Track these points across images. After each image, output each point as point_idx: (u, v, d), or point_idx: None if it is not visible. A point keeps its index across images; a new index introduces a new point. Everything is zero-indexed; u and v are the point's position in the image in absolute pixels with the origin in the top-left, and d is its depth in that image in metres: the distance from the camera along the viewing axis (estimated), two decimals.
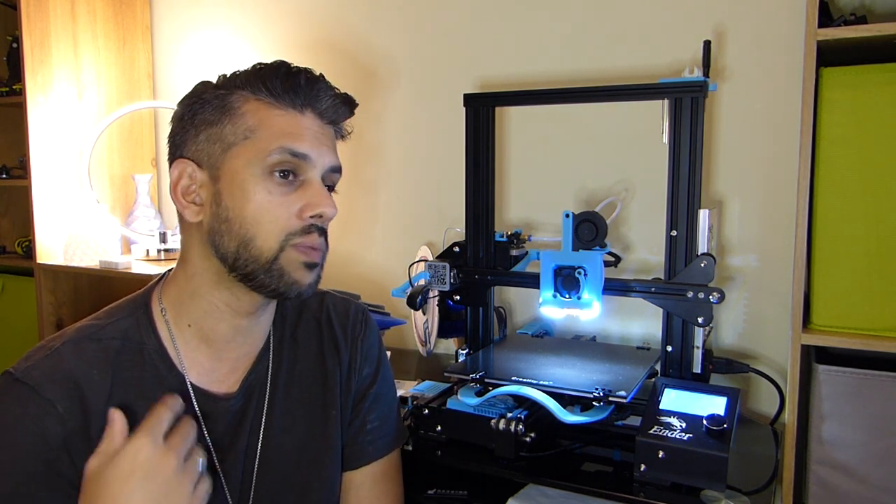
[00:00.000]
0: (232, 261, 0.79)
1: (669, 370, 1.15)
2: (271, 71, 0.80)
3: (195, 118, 0.81)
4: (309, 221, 0.80)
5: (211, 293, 0.82)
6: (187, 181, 0.81)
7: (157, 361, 0.82)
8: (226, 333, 0.84)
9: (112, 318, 0.83)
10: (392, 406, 1.00)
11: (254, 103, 0.79)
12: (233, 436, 0.85)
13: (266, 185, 0.78)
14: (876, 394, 1.01)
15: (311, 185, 0.80)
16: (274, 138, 0.78)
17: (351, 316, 0.97)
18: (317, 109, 0.82)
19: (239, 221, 0.78)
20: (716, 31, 1.36)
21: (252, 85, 0.80)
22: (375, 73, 1.75)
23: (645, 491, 0.95)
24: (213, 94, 0.81)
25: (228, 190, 0.79)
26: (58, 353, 0.77)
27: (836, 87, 1.00)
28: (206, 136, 0.80)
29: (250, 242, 0.78)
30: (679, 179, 1.12)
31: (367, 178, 1.79)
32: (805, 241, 1.03)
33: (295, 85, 0.80)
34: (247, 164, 0.78)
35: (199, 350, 0.84)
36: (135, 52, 2.10)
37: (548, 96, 1.26)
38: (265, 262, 0.78)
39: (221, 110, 0.79)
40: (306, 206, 0.79)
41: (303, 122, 0.80)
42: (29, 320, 2.03)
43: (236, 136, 0.79)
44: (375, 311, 1.56)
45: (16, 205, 2.31)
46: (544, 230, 1.55)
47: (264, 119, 0.79)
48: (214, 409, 0.84)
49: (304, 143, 0.79)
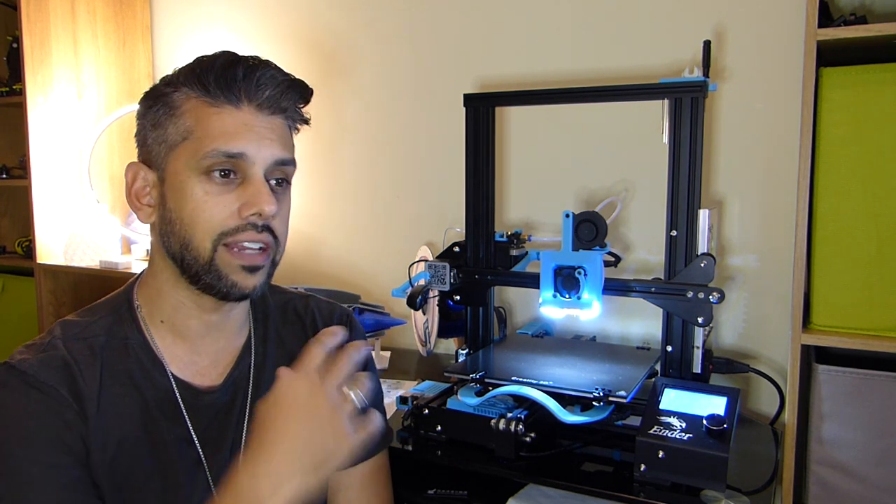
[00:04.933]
0: (179, 262, 0.79)
1: (669, 370, 1.14)
2: (207, 65, 0.78)
3: (145, 119, 0.81)
4: (248, 220, 0.78)
5: (174, 291, 0.83)
6: (141, 183, 0.81)
7: (140, 355, 0.82)
8: (198, 329, 0.85)
9: (95, 315, 0.84)
10: (378, 408, 0.99)
11: (193, 101, 0.78)
12: (219, 430, 0.85)
13: (204, 185, 0.77)
14: (876, 394, 1.01)
15: (251, 182, 0.78)
16: (208, 139, 0.76)
17: (336, 319, 0.98)
18: (255, 101, 0.79)
19: (179, 223, 0.78)
20: (716, 31, 1.36)
21: (190, 82, 0.78)
22: (375, 74, 1.75)
23: (645, 491, 0.95)
24: (161, 91, 0.80)
25: (171, 191, 0.79)
26: (52, 346, 0.79)
27: (836, 87, 1.00)
28: (154, 138, 0.80)
29: (189, 243, 0.78)
30: (679, 179, 1.12)
31: (367, 178, 1.79)
32: (805, 241, 1.03)
33: (231, 79, 0.77)
34: (185, 166, 0.77)
35: (176, 344, 0.85)
36: (135, 52, 2.10)
37: (548, 96, 1.25)
38: (204, 264, 0.78)
39: (166, 110, 0.79)
40: (244, 205, 0.77)
41: (239, 118, 0.78)
42: (29, 320, 2.03)
43: (177, 137, 0.78)
44: (375, 311, 1.56)
45: (16, 205, 2.31)
46: (544, 230, 1.55)
47: (201, 118, 0.77)
48: (198, 402, 0.84)
49: (239, 142, 0.77)
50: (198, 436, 0.84)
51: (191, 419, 0.83)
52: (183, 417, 0.83)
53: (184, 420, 0.83)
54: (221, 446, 0.85)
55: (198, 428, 0.84)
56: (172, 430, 0.82)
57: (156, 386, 0.82)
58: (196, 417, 0.84)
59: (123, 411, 0.79)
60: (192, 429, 0.83)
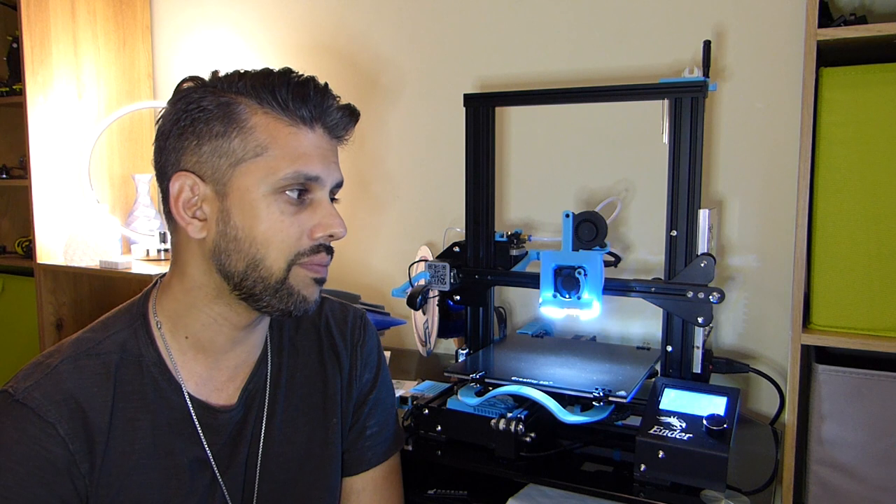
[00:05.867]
0: (239, 280, 0.77)
1: (669, 370, 1.15)
2: (279, 80, 0.77)
3: (196, 126, 0.76)
4: (319, 241, 0.79)
5: (209, 307, 0.81)
6: (189, 194, 0.77)
7: (155, 374, 0.80)
8: (223, 344, 0.83)
9: (109, 330, 0.81)
10: (391, 411, 0.99)
11: (262, 116, 0.76)
12: (233, 446, 0.84)
13: (278, 205, 0.76)
14: (876, 394, 1.01)
15: (320, 204, 0.79)
16: (287, 159, 0.76)
17: (350, 322, 0.96)
18: (326, 125, 0.80)
19: (249, 241, 0.76)
20: (716, 31, 1.36)
21: (258, 95, 0.76)
22: (375, 74, 1.75)
23: (645, 491, 0.95)
24: (213, 101, 0.76)
25: (238, 208, 0.76)
26: (57, 372, 0.75)
27: (836, 87, 1.00)
28: (211, 149, 0.76)
29: (260, 263, 0.77)
30: (679, 179, 1.12)
31: (368, 178, 1.79)
32: (805, 241, 1.03)
33: (304, 97, 0.77)
34: (258, 183, 0.75)
35: (196, 360, 0.83)
36: (135, 52, 2.10)
37: (548, 96, 1.25)
38: (274, 283, 0.77)
39: (226, 121, 0.75)
40: (317, 227, 0.79)
41: (313, 141, 0.78)
42: (29, 320, 2.03)
43: (246, 152, 0.75)
44: (375, 312, 1.56)
45: (16, 205, 2.31)
46: (544, 230, 1.55)
47: (276, 136, 0.76)
48: (215, 422, 0.83)
49: (316, 165, 0.77)
50: (213, 454, 0.82)
51: (206, 439, 0.82)
52: (199, 437, 0.81)
53: (200, 441, 0.81)
54: (236, 462, 0.84)
55: (213, 447, 0.82)
56: (188, 452, 0.81)
57: (171, 406, 0.80)
58: (212, 437, 0.82)
59: (135, 436, 0.77)
60: (207, 449, 0.82)
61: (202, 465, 0.82)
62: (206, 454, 0.82)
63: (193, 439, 0.81)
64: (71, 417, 0.74)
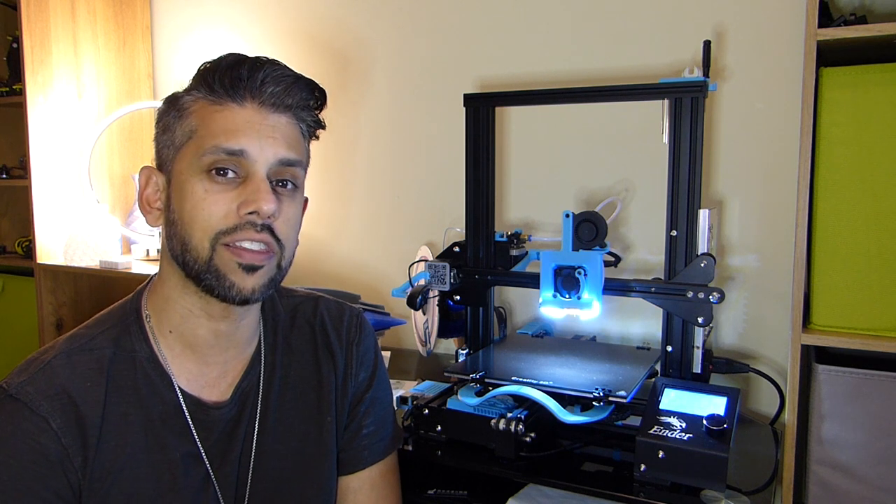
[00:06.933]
0: (181, 264, 0.78)
1: (669, 370, 1.15)
2: (213, 66, 0.78)
3: (158, 124, 0.81)
4: (245, 219, 0.76)
5: (182, 298, 0.81)
6: (153, 188, 0.81)
7: (148, 369, 0.81)
8: (207, 338, 0.83)
9: (103, 326, 0.82)
10: (388, 410, 0.99)
11: (199, 102, 0.78)
12: (226, 443, 0.84)
13: (204, 183, 0.76)
14: (876, 394, 1.01)
15: (251, 181, 0.76)
16: (210, 136, 0.76)
17: (345, 321, 0.96)
18: (258, 99, 0.77)
19: (180, 223, 0.77)
20: (716, 31, 1.36)
21: (198, 84, 0.79)
22: (375, 74, 1.75)
23: (645, 491, 0.95)
24: (174, 97, 0.81)
25: (176, 192, 0.78)
26: (50, 367, 0.76)
27: (836, 87, 1.00)
28: (163, 142, 0.80)
29: (189, 243, 0.76)
30: (679, 179, 1.12)
31: (368, 178, 1.79)
32: (805, 241, 1.03)
33: (235, 77, 0.77)
34: (188, 166, 0.77)
35: (185, 356, 0.83)
36: (135, 52, 2.10)
37: (548, 96, 1.25)
38: (203, 264, 0.76)
39: (174, 114, 0.79)
40: (242, 203, 0.75)
41: (241, 116, 0.76)
42: (29, 320, 2.03)
43: (182, 138, 0.78)
44: (375, 312, 1.56)
45: (16, 205, 2.31)
46: (544, 230, 1.55)
47: (204, 117, 0.77)
48: (207, 418, 0.83)
49: (240, 139, 0.75)
50: (205, 450, 0.82)
51: (199, 434, 0.82)
52: (191, 433, 0.81)
53: (192, 436, 0.81)
54: (229, 459, 0.84)
55: (206, 442, 0.82)
56: (180, 447, 0.81)
57: (163, 401, 0.81)
58: (204, 432, 0.82)
59: (128, 430, 0.78)
60: (199, 444, 0.82)
61: (195, 461, 0.82)
62: (199, 449, 0.82)
63: (185, 434, 0.81)
64: (63, 412, 0.74)
